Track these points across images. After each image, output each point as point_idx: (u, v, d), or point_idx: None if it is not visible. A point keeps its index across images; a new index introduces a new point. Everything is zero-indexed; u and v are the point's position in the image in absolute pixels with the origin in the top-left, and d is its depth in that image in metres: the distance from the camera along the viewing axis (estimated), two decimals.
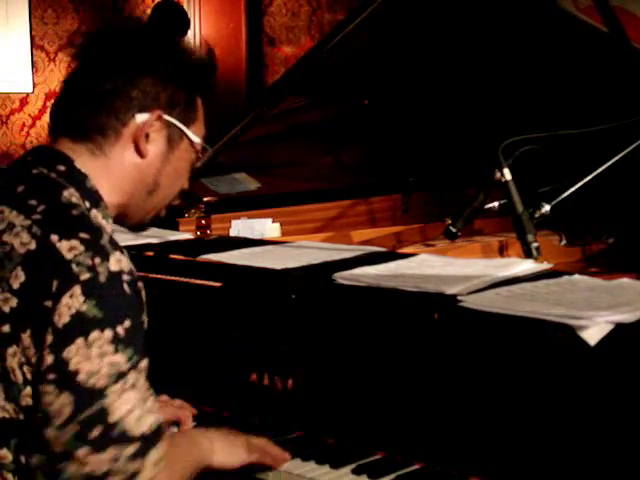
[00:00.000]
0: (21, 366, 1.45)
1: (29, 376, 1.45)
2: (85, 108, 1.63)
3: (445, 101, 3.15)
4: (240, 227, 2.88)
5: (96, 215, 1.58)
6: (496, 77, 2.99)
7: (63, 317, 1.43)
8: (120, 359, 1.46)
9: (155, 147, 1.66)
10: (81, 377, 1.43)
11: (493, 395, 1.70)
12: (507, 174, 2.35)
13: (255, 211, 2.96)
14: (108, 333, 1.45)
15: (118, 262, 1.49)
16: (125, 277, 1.49)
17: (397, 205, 3.35)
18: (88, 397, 1.44)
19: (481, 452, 1.70)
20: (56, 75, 6.09)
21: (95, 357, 1.44)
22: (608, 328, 1.56)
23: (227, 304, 2.10)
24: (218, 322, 2.11)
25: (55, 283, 1.44)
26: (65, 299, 1.44)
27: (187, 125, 1.68)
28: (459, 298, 1.76)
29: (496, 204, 2.45)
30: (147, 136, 1.64)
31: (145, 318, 1.54)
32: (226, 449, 1.75)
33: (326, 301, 1.97)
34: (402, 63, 3.14)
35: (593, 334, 1.55)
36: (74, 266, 1.45)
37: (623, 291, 1.76)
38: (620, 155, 2.40)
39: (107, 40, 1.68)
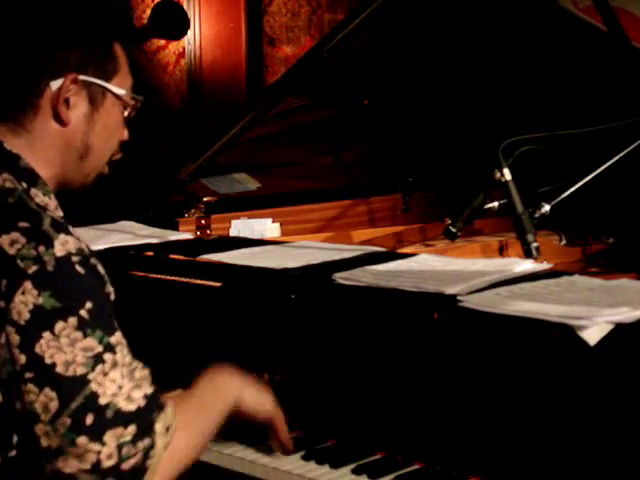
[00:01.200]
0: None
1: None
2: None
3: (445, 101, 3.15)
4: (240, 227, 2.88)
5: (36, 193, 1.54)
6: (496, 77, 2.99)
7: (23, 314, 1.41)
8: (92, 342, 1.43)
9: (77, 111, 1.61)
10: (59, 369, 1.41)
11: (493, 395, 1.69)
12: (507, 174, 2.35)
13: (255, 211, 2.96)
14: (72, 320, 1.42)
15: (64, 245, 1.45)
16: (74, 258, 1.45)
17: (397, 205, 3.34)
18: (72, 387, 1.41)
19: (481, 452, 1.70)
20: None
21: (66, 346, 1.41)
22: (608, 328, 1.55)
23: (227, 304, 2.10)
24: (218, 322, 2.11)
25: (4, 282, 1.41)
26: (18, 297, 1.41)
27: (107, 79, 1.63)
28: (459, 298, 1.76)
29: (496, 204, 2.45)
30: (67, 101, 1.59)
31: (109, 290, 1.51)
32: (250, 388, 1.71)
33: (326, 301, 1.97)
34: (402, 63, 3.13)
35: (593, 334, 1.55)
36: (19, 261, 1.42)
37: (623, 291, 1.76)
38: (620, 155, 2.39)
39: (2, 11, 1.64)
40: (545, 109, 2.85)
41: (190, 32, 5.66)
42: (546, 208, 2.36)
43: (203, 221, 2.87)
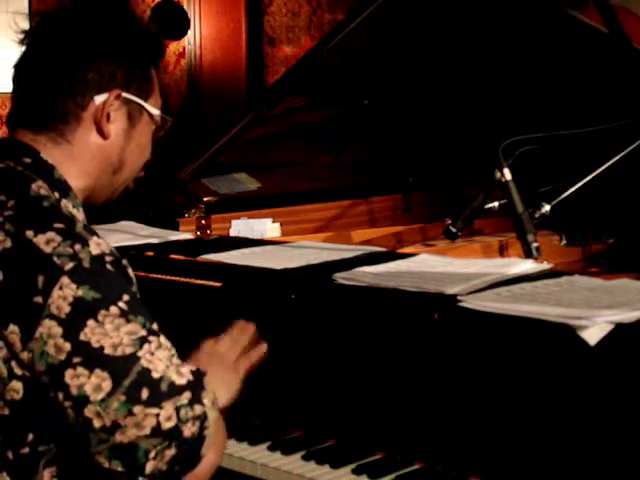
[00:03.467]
0: (6, 361, 1.45)
1: (18, 371, 1.45)
2: (41, 96, 1.63)
3: (445, 101, 3.15)
4: (240, 227, 2.88)
5: (66, 205, 1.59)
6: (496, 77, 2.99)
7: (63, 308, 1.43)
8: (135, 327, 1.46)
9: (117, 126, 1.66)
10: (108, 351, 1.43)
11: (493, 395, 1.70)
12: (507, 174, 2.35)
13: (255, 211, 2.96)
14: (114, 309, 1.45)
15: (98, 245, 1.49)
16: (108, 258, 1.49)
17: (397, 205, 3.34)
18: (123, 366, 1.44)
19: (481, 452, 1.70)
20: None
21: (112, 331, 1.44)
22: (608, 328, 1.56)
23: (227, 304, 2.10)
24: (218, 322, 2.11)
25: (40, 279, 1.43)
26: (56, 292, 1.43)
27: (145, 99, 1.69)
28: (459, 298, 1.76)
29: (496, 204, 2.45)
30: (108, 116, 1.64)
31: (137, 292, 1.55)
32: (222, 387, 1.70)
33: (326, 301, 1.97)
34: (402, 63, 3.13)
35: (593, 334, 1.55)
36: (55, 258, 1.45)
37: (623, 291, 1.76)
38: (620, 155, 2.40)
39: (56, 23, 1.68)
40: (545, 109, 2.85)
41: (190, 32, 5.67)
42: (546, 208, 2.36)
43: (203, 221, 2.87)
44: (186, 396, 1.47)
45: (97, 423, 1.44)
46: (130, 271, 1.55)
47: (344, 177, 3.35)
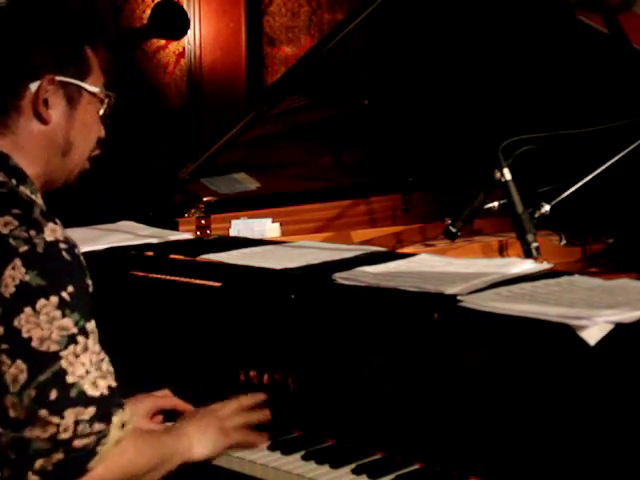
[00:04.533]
0: None
1: None
2: None
3: (445, 101, 3.15)
4: (240, 227, 2.88)
5: (24, 191, 1.62)
6: (496, 77, 2.99)
7: (9, 288, 1.47)
8: (68, 323, 1.50)
9: (57, 110, 1.69)
10: (34, 343, 1.47)
11: (493, 395, 1.69)
12: (507, 174, 2.35)
13: (255, 211, 2.96)
14: (54, 299, 1.49)
15: (53, 232, 1.53)
16: (62, 245, 1.53)
17: (397, 205, 3.34)
18: (42, 361, 1.48)
19: (481, 452, 1.70)
20: None
21: (44, 323, 1.48)
22: (608, 328, 1.55)
23: (227, 304, 2.10)
24: (218, 322, 2.11)
25: None
26: (8, 271, 1.48)
27: (82, 79, 1.72)
28: (459, 298, 1.76)
29: (496, 204, 2.45)
30: (46, 102, 1.67)
31: (89, 282, 1.58)
32: (202, 440, 1.79)
33: (326, 301, 1.97)
34: (402, 63, 3.13)
35: (593, 334, 1.55)
36: (11, 240, 1.50)
37: (623, 291, 1.76)
38: (620, 155, 2.39)
39: None
40: (545, 109, 2.85)
41: (190, 32, 5.66)
42: (546, 208, 2.36)
43: (203, 221, 2.87)
44: (90, 411, 1.50)
45: (12, 413, 1.48)
46: (83, 260, 1.58)
47: (344, 177, 3.35)
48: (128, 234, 2.53)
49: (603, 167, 2.39)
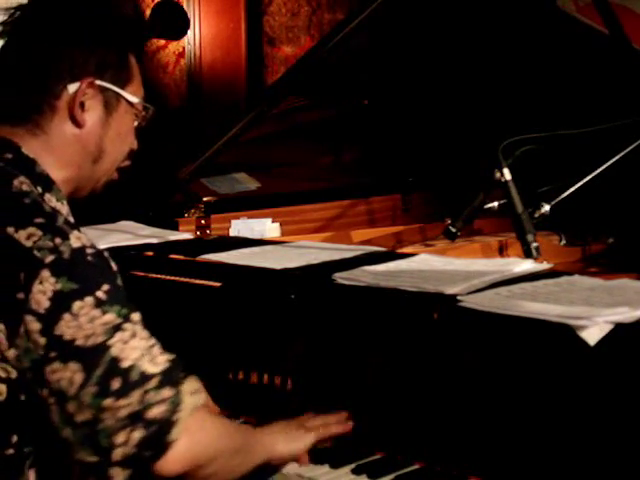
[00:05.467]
0: None
1: (1, 373, 1.44)
2: (14, 89, 1.63)
3: (445, 101, 3.15)
4: (240, 227, 2.88)
5: (50, 199, 1.58)
6: (496, 77, 2.99)
7: (42, 303, 1.43)
8: (110, 317, 1.45)
9: (92, 114, 1.64)
10: (79, 342, 1.43)
11: (493, 395, 1.69)
12: (507, 174, 2.35)
13: (255, 211, 2.96)
14: (89, 299, 1.44)
15: (78, 239, 1.48)
16: (89, 251, 1.48)
17: (397, 205, 3.34)
18: (94, 356, 1.43)
19: (481, 452, 1.70)
20: None
21: (86, 323, 1.43)
22: (608, 328, 1.55)
23: (227, 304, 2.10)
24: (218, 322, 2.11)
25: (22, 275, 1.43)
26: (36, 287, 1.43)
27: (122, 86, 1.67)
28: (459, 298, 1.76)
29: (496, 204, 2.44)
30: (82, 105, 1.62)
31: (121, 284, 1.53)
32: (286, 438, 1.72)
33: (326, 301, 1.97)
34: (402, 63, 3.13)
35: (593, 334, 1.55)
36: (36, 252, 1.44)
37: (623, 291, 1.76)
38: (620, 155, 2.39)
39: (24, 13, 1.65)
40: (545, 109, 2.85)
41: (190, 32, 5.66)
42: (546, 208, 2.36)
43: (203, 221, 2.86)
44: (155, 380, 1.45)
45: (79, 418, 1.43)
46: (112, 263, 1.53)
47: (344, 177, 3.35)
48: (128, 234, 2.53)
49: (603, 167, 2.39)
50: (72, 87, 1.61)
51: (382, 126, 3.32)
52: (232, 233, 2.86)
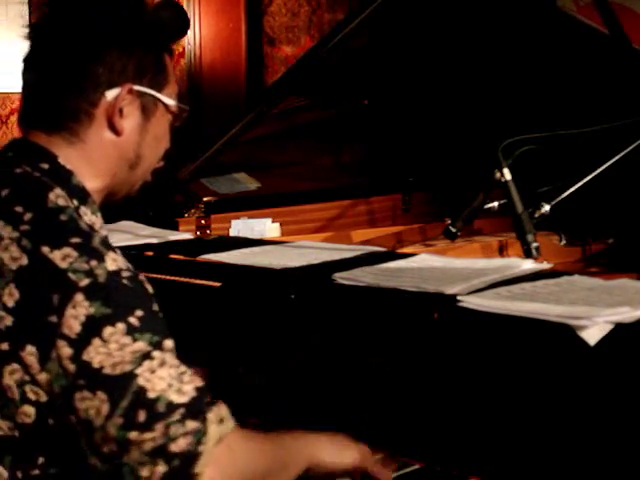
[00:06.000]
0: (20, 384, 1.41)
1: (31, 395, 1.41)
2: (50, 95, 1.58)
3: (445, 101, 3.15)
4: (240, 227, 2.88)
5: (85, 212, 1.53)
6: (496, 77, 2.99)
7: (74, 327, 1.39)
8: (140, 345, 1.40)
9: (131, 121, 1.59)
10: (107, 370, 1.38)
11: (493, 395, 1.69)
12: (507, 174, 2.35)
13: (255, 211, 2.96)
14: (121, 326, 1.40)
15: (114, 261, 1.44)
16: (124, 274, 1.44)
17: (397, 205, 3.35)
18: (121, 385, 1.38)
19: (481, 452, 1.70)
20: None
21: (115, 351, 1.39)
22: (608, 328, 1.55)
23: (227, 304, 2.10)
24: (218, 322, 2.11)
25: (56, 297, 1.39)
26: (69, 310, 1.39)
27: (159, 89, 1.62)
28: (459, 298, 1.76)
29: (496, 204, 2.45)
30: (120, 111, 1.57)
31: (157, 308, 1.49)
32: (336, 447, 1.68)
33: (326, 301, 1.97)
34: (402, 63, 3.14)
35: (593, 334, 1.55)
36: (71, 274, 1.40)
37: (623, 291, 1.76)
38: (620, 155, 2.40)
39: (60, 15, 1.60)
40: (545, 109, 2.85)
41: (190, 32, 5.67)
42: (546, 208, 2.36)
43: (203, 221, 2.86)
44: (180, 411, 1.40)
45: (105, 449, 1.39)
46: (148, 286, 1.49)
47: (344, 177, 3.36)
48: (128, 234, 2.53)
49: (603, 167, 2.39)
50: (110, 93, 1.56)
51: (382, 126, 3.32)
52: (232, 233, 2.86)
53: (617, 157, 2.40)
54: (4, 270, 1.43)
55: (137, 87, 1.58)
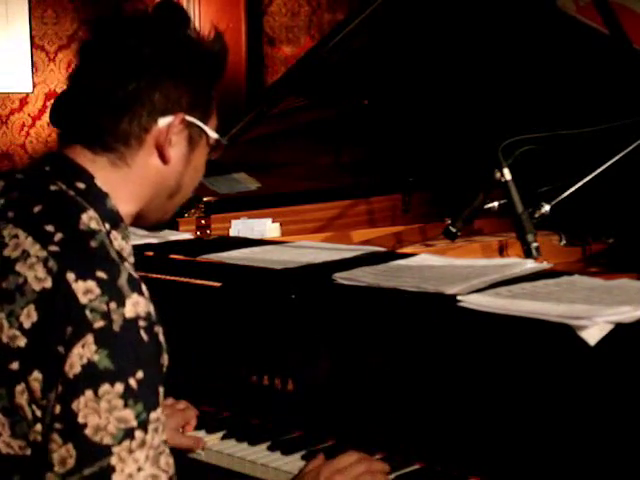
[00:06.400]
0: (30, 404, 1.40)
1: (39, 413, 1.40)
2: (103, 114, 1.54)
3: (445, 101, 3.15)
4: (240, 227, 2.88)
5: (116, 237, 1.50)
6: (496, 77, 2.99)
7: (74, 367, 1.37)
8: (129, 415, 1.38)
9: (177, 150, 1.58)
10: (88, 431, 1.37)
11: (493, 395, 1.70)
12: (507, 174, 2.35)
13: (255, 211, 2.96)
14: (119, 387, 1.38)
15: (134, 306, 1.42)
16: (141, 323, 1.42)
17: (397, 205, 3.35)
18: (93, 453, 1.37)
19: (481, 452, 1.70)
20: (56, 75, 6.09)
21: (104, 411, 1.37)
22: (608, 328, 1.56)
23: (227, 304, 2.10)
24: (218, 322, 2.11)
25: (69, 329, 1.38)
26: (77, 348, 1.37)
27: (206, 122, 1.62)
28: (459, 298, 1.76)
29: (496, 204, 2.45)
30: (170, 140, 1.56)
31: (164, 361, 1.48)
32: None
33: (326, 301, 1.97)
34: (402, 63, 3.13)
35: (593, 334, 1.55)
36: (88, 312, 1.38)
37: (623, 291, 1.76)
38: (620, 155, 2.40)
39: (121, 34, 1.57)
40: (545, 109, 2.85)
41: None
42: (546, 208, 2.36)
43: (203, 221, 2.86)
44: None
45: None
46: (162, 337, 1.47)
47: (344, 177, 3.36)
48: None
49: (603, 167, 2.39)
50: (163, 121, 1.54)
51: (382, 126, 3.32)
52: (232, 233, 2.86)
53: (617, 157, 2.40)
54: (26, 289, 1.40)
55: (189, 118, 1.57)
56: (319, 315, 1.96)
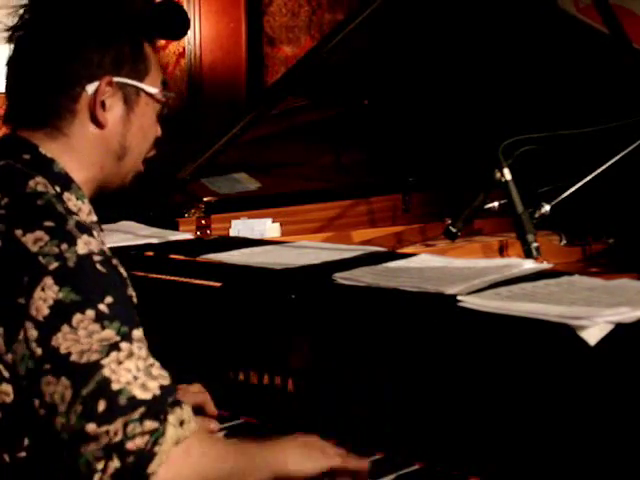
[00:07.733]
0: None
1: (5, 373, 1.42)
2: (31, 94, 1.60)
3: (445, 101, 3.15)
4: (240, 227, 2.88)
5: (69, 197, 1.56)
6: (496, 77, 2.99)
7: (42, 310, 1.40)
8: (109, 334, 1.41)
9: (113, 113, 1.62)
10: (74, 357, 1.39)
11: (493, 395, 1.69)
12: (507, 174, 2.35)
13: (255, 211, 2.96)
14: (90, 312, 1.41)
15: (86, 244, 1.45)
16: (96, 257, 1.45)
17: (397, 205, 3.35)
18: (85, 374, 1.39)
19: (481, 452, 1.70)
20: None
21: (83, 337, 1.40)
22: (608, 328, 1.56)
23: (227, 304, 2.10)
24: (218, 322, 2.11)
25: (25, 279, 1.41)
26: (38, 293, 1.41)
27: (141, 79, 1.64)
28: (459, 298, 1.76)
29: (496, 204, 2.45)
30: (103, 104, 1.59)
31: (131, 292, 1.51)
32: (302, 455, 1.63)
33: (326, 301, 1.97)
34: (402, 63, 3.14)
35: (593, 334, 1.55)
36: (41, 258, 1.42)
37: (623, 291, 1.76)
38: (620, 155, 2.40)
39: (36, 16, 1.62)
40: (545, 109, 2.85)
41: (190, 32, 5.66)
42: (546, 208, 2.36)
43: (203, 221, 2.86)
44: (139, 411, 1.39)
45: (64, 436, 1.39)
46: (123, 270, 1.50)
47: (344, 177, 3.36)
48: (128, 234, 2.54)
49: (603, 167, 2.39)
50: (90, 88, 1.59)
51: (382, 126, 3.32)
52: (232, 233, 2.86)
53: (617, 157, 2.40)
54: None
55: (116, 79, 1.60)
56: (319, 315, 1.96)
